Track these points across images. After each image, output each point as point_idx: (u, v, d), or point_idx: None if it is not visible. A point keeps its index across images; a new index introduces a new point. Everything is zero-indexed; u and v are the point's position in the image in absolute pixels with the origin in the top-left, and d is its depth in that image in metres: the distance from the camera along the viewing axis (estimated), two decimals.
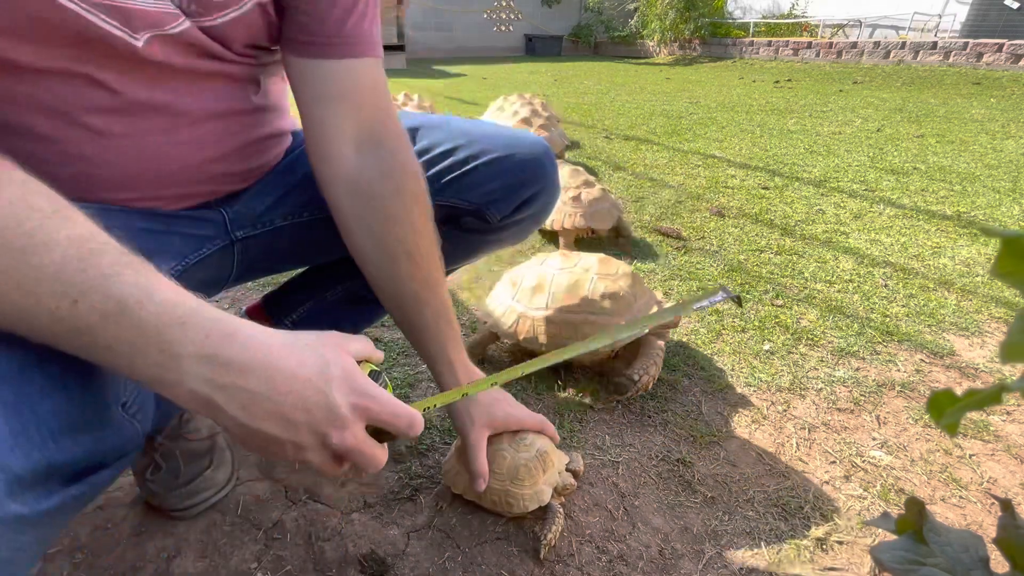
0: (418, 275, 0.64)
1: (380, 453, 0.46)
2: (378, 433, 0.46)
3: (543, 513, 0.76)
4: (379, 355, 0.49)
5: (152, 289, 0.38)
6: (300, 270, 0.94)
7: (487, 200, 0.75)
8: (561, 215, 1.65)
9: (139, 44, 0.51)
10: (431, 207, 0.66)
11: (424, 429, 0.99)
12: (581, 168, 1.87)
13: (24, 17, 0.46)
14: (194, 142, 0.61)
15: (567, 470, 0.80)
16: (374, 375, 0.48)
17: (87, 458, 0.41)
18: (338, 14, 0.58)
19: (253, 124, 0.66)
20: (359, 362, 0.46)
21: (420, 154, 0.73)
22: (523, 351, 1.12)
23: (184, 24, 0.53)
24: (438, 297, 0.66)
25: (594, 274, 1.05)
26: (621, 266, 1.10)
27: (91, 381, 0.41)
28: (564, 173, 1.80)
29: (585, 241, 1.76)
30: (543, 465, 0.75)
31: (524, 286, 1.08)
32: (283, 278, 1.00)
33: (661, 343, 1.06)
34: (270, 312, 0.90)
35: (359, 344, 0.47)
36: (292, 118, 0.76)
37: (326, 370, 0.42)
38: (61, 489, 0.39)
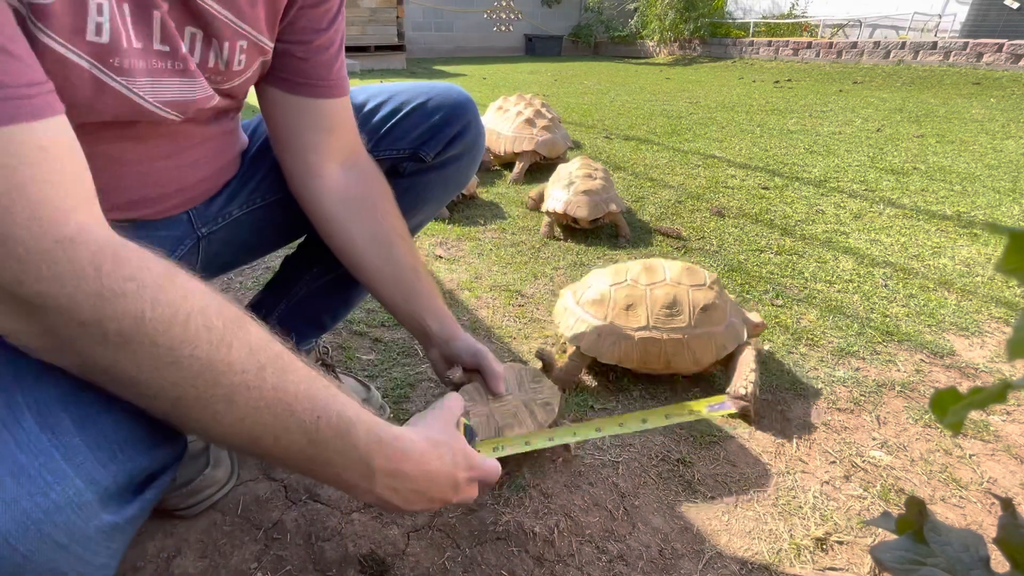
0: (411, 251, 0.77)
1: (490, 481, 0.61)
2: None
3: None
4: (462, 406, 0.64)
5: (357, 409, 0.47)
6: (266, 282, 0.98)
7: (418, 143, 0.84)
8: (555, 200, 1.75)
9: (181, 119, 0.59)
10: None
11: None
12: (592, 161, 1.89)
13: (111, 113, 0.52)
14: (191, 165, 0.68)
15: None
16: (468, 432, 0.63)
17: (150, 465, 0.44)
18: (327, 62, 0.69)
19: (233, 143, 0.75)
20: (457, 424, 0.61)
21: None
22: (618, 370, 1.09)
23: (215, 99, 0.61)
24: (423, 263, 0.80)
25: (688, 286, 1.04)
26: (706, 274, 1.08)
27: None
28: (573, 163, 1.87)
29: (582, 232, 1.76)
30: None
31: (617, 305, 1.05)
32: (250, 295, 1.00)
33: (753, 352, 1.03)
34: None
35: (456, 406, 0.62)
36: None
37: (456, 461, 0.55)
38: (136, 496, 0.43)
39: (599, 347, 1.03)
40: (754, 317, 1.12)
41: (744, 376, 0.99)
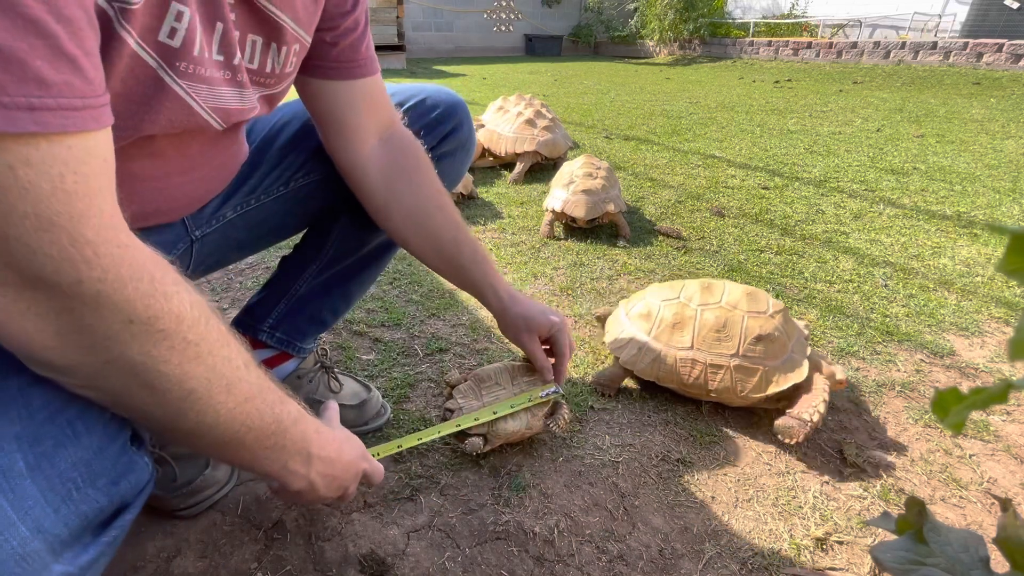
0: (451, 221, 0.80)
1: (378, 473, 0.68)
2: None
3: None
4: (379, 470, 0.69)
5: (299, 407, 0.54)
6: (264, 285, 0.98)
7: (418, 136, 0.86)
8: (555, 199, 1.78)
9: (223, 128, 0.60)
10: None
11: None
12: (596, 160, 1.90)
13: (166, 119, 0.53)
14: (203, 179, 0.69)
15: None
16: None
17: (111, 503, 0.43)
18: (355, 42, 0.71)
19: (240, 155, 0.77)
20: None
21: None
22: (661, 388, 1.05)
23: (258, 109, 0.63)
24: (468, 235, 0.82)
25: (744, 312, 0.97)
26: (770, 301, 1.01)
27: (99, 425, 0.43)
28: (577, 161, 1.89)
29: (582, 231, 1.76)
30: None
31: (663, 322, 1.01)
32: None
33: (826, 383, 0.95)
34: (245, 328, 0.91)
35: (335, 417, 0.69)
36: None
37: (356, 453, 0.63)
38: (95, 539, 0.41)
39: (637, 361, 1.01)
40: (837, 371, 0.97)
41: (812, 404, 0.91)
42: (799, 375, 0.94)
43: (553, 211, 1.77)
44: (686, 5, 8.54)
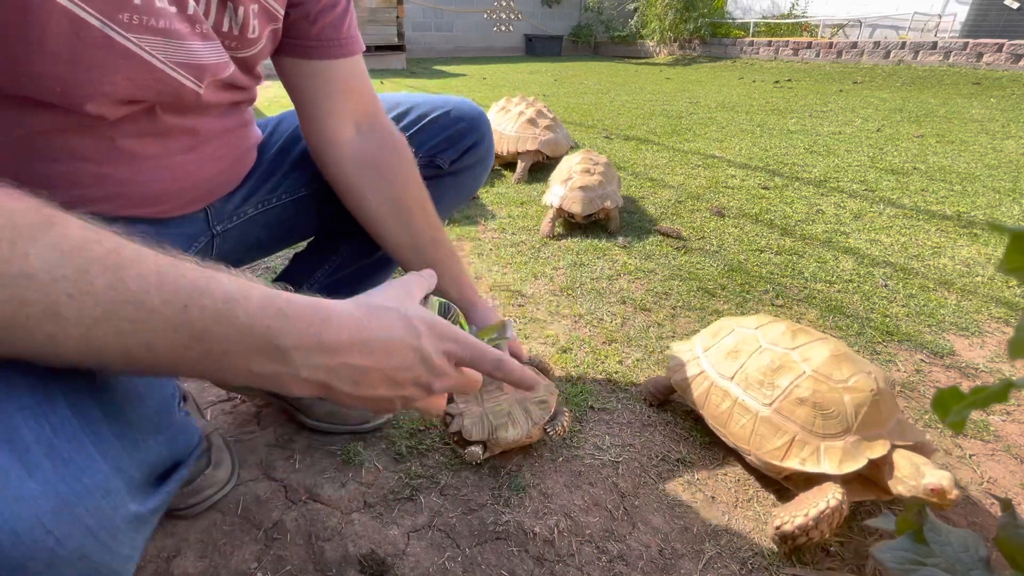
0: (431, 221, 0.78)
1: (474, 377, 0.50)
2: None
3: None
4: (434, 282, 0.54)
5: (247, 286, 0.39)
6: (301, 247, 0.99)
7: (436, 151, 0.87)
8: (553, 195, 1.82)
9: (202, 91, 0.59)
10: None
11: (423, 430, 0.99)
12: (594, 155, 1.93)
13: (123, 80, 0.51)
14: (209, 158, 0.68)
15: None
16: (444, 308, 0.52)
17: (170, 456, 0.45)
18: (335, 21, 0.68)
19: (246, 135, 0.76)
20: (425, 300, 0.50)
21: None
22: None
23: (231, 68, 0.61)
24: (445, 235, 0.80)
25: (809, 368, 0.82)
26: (868, 379, 0.80)
27: (157, 387, 0.44)
28: (575, 157, 1.92)
29: (582, 227, 1.77)
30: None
31: (721, 345, 0.93)
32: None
33: (836, 495, 0.72)
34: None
35: (419, 285, 0.51)
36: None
37: (412, 327, 0.44)
38: (157, 489, 0.43)
39: (676, 372, 0.95)
40: (931, 477, 0.70)
41: (807, 507, 0.72)
42: (824, 466, 0.75)
43: (552, 207, 1.81)
44: (686, 5, 8.54)
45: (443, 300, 0.55)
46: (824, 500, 0.72)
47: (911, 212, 2.04)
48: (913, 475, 0.72)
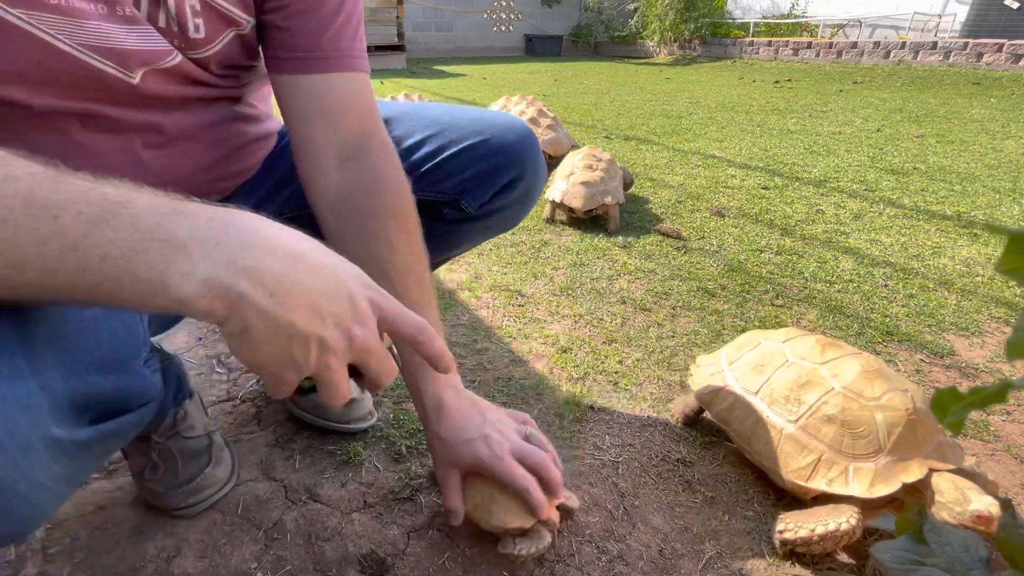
0: (391, 292, 0.63)
1: (392, 362, 0.42)
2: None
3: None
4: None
5: (137, 191, 0.34)
6: None
7: (461, 190, 0.73)
8: (555, 190, 1.86)
9: (135, 80, 0.53)
10: (413, 217, 0.64)
11: (423, 430, 0.99)
12: (598, 152, 1.97)
13: (24, 61, 0.48)
14: (184, 155, 0.63)
15: (557, 507, 0.69)
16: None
17: (114, 397, 0.43)
18: (314, 28, 0.58)
19: (237, 132, 0.68)
20: None
21: None
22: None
23: (177, 58, 0.55)
24: (434, 311, 0.65)
25: (838, 384, 0.78)
26: (903, 397, 0.76)
27: (118, 330, 0.44)
28: (579, 153, 1.97)
29: (583, 222, 1.78)
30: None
31: (745, 359, 0.90)
32: None
33: (850, 520, 0.69)
34: None
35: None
36: (277, 120, 0.78)
37: (343, 264, 0.40)
38: (91, 425, 0.41)
39: (699, 381, 0.93)
40: (977, 503, 0.65)
41: (816, 523, 0.70)
42: (853, 489, 0.71)
43: (553, 201, 1.85)
44: (686, 5, 8.54)
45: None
46: (836, 521, 0.69)
47: (911, 212, 2.04)
48: (958, 501, 0.67)
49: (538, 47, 10.87)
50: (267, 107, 0.77)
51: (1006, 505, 0.39)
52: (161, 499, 0.77)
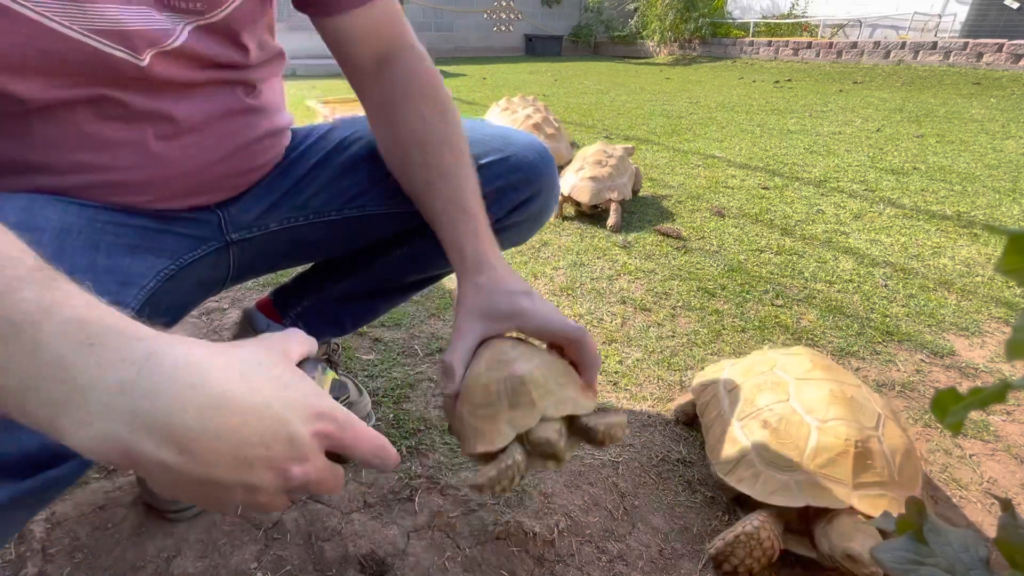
0: (429, 162, 0.65)
1: (340, 477, 0.39)
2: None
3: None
4: (316, 348, 0.43)
5: (57, 306, 0.29)
6: (306, 266, 0.95)
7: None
8: (564, 183, 1.94)
9: (144, 63, 0.53)
10: (443, 97, 0.69)
11: (423, 430, 0.98)
12: (610, 147, 2.05)
13: (35, 53, 0.47)
14: (195, 146, 0.63)
15: (582, 423, 0.53)
16: (309, 366, 0.42)
17: (47, 449, 0.39)
18: None
19: (249, 125, 0.69)
20: (302, 363, 0.40)
21: None
22: None
23: (180, 38, 0.55)
24: (451, 185, 0.64)
25: (794, 398, 0.79)
26: (849, 418, 0.74)
27: None
28: (592, 148, 2.07)
29: (588, 217, 1.78)
30: (512, 397, 0.51)
31: (740, 364, 0.93)
32: (289, 273, 1.00)
33: (753, 522, 0.71)
34: (277, 306, 0.91)
35: (299, 344, 0.41)
36: (289, 115, 0.78)
37: (285, 393, 0.34)
38: (13, 483, 0.38)
39: (698, 383, 0.95)
40: (859, 545, 0.64)
41: (728, 530, 0.72)
42: (755, 491, 0.73)
43: (561, 195, 1.90)
44: (686, 5, 8.54)
45: (336, 377, 0.46)
46: (741, 525, 0.70)
47: (911, 212, 2.04)
48: (846, 536, 0.65)
49: (538, 47, 10.86)
50: (279, 99, 0.76)
51: (1006, 505, 0.39)
52: (160, 500, 0.77)
